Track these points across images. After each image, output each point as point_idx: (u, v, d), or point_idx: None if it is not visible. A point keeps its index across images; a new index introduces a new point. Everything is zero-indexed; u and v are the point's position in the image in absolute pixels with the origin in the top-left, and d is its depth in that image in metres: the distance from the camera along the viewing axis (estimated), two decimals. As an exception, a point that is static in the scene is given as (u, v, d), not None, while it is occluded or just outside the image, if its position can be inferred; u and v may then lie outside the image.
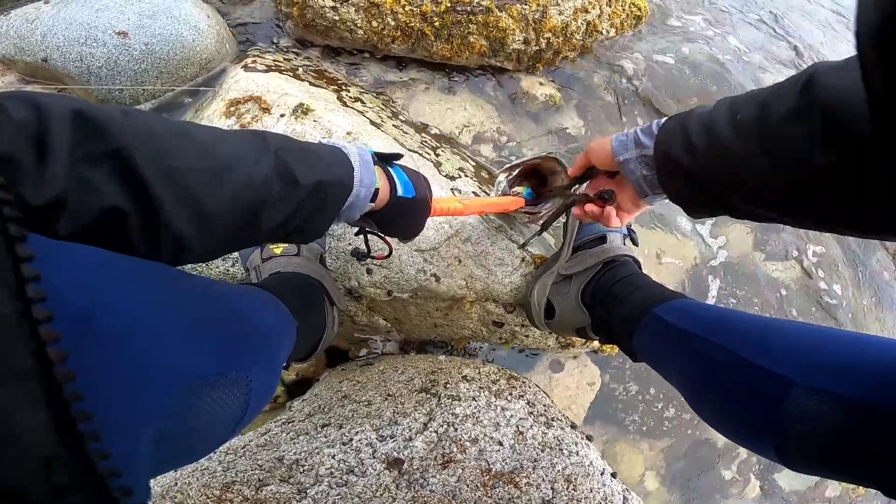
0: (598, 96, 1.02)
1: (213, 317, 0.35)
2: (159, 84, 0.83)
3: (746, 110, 0.41)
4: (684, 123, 0.46)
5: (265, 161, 0.35)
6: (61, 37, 0.79)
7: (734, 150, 0.41)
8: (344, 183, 0.41)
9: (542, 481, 0.62)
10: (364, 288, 0.71)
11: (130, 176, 0.29)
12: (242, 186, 0.33)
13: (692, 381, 0.51)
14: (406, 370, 0.72)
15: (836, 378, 0.37)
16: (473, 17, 0.95)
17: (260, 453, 0.56)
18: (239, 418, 0.36)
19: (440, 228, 0.71)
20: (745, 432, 0.45)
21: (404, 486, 0.55)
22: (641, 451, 0.91)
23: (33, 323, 0.18)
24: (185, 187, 0.31)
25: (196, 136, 0.33)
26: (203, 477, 0.52)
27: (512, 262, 0.74)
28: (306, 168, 0.38)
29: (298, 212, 0.38)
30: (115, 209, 0.28)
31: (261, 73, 0.83)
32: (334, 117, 0.76)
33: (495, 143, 0.94)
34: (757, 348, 0.44)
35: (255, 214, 0.35)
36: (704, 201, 0.48)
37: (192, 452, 0.34)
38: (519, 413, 0.68)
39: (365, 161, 0.43)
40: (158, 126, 0.31)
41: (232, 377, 0.34)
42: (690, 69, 1.10)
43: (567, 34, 1.00)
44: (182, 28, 0.83)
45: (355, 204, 0.43)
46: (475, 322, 0.79)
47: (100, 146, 0.28)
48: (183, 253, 0.33)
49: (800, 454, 0.39)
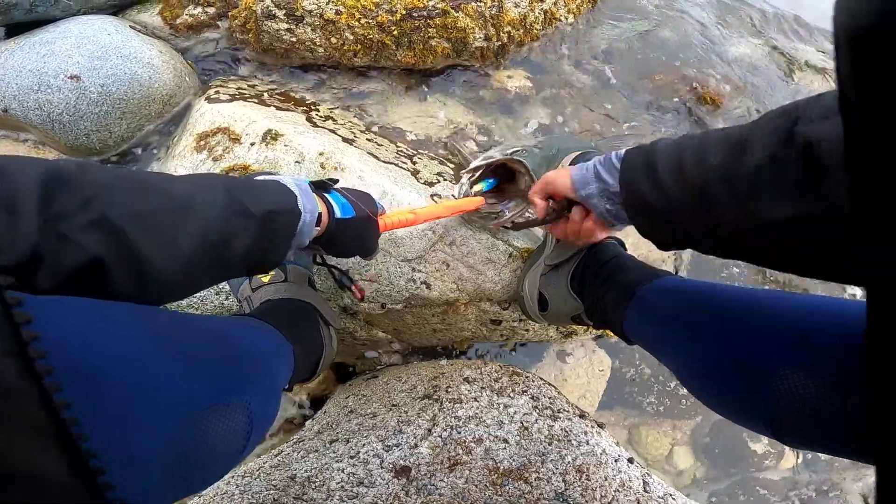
0: (568, 83, 1.03)
1: (205, 348, 0.36)
2: (124, 125, 0.82)
3: (718, 152, 0.39)
4: (650, 161, 0.45)
5: (218, 197, 0.37)
6: (14, 86, 0.79)
7: (703, 190, 0.40)
8: (292, 211, 0.44)
9: (553, 474, 0.63)
10: (357, 304, 0.72)
11: (105, 224, 0.30)
12: (205, 223, 0.35)
13: (682, 363, 0.51)
14: (409, 379, 0.72)
15: (821, 354, 0.37)
16: (431, 21, 0.96)
17: (273, 473, 0.57)
18: (244, 443, 0.37)
19: (424, 236, 0.72)
20: (738, 412, 0.45)
21: (413, 493, 0.56)
22: (665, 432, 0.91)
23: (38, 377, 0.21)
24: (155, 228, 0.32)
25: (149, 181, 0.35)
26: (223, 501, 0.53)
27: (499, 258, 0.75)
28: (255, 200, 0.40)
29: (257, 242, 0.40)
30: (96, 259, 0.30)
31: (225, 103, 0.83)
32: (305, 140, 0.76)
33: (473, 141, 0.94)
34: (742, 325, 0.44)
35: (222, 248, 0.37)
36: (672, 238, 0.47)
37: (203, 479, 0.35)
38: (522, 409, 0.69)
39: (304, 190, 0.47)
40: (111, 176, 0.33)
41: (231, 403, 0.35)
42: (654, 46, 1.11)
43: (526, 25, 1.01)
44: (135, 66, 0.82)
45: (303, 230, 0.45)
46: (473, 323, 0.80)
47: (70, 201, 0.29)
48: (166, 291, 0.34)
49: (792, 431, 0.39)
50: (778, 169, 0.35)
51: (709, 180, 0.39)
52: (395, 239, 0.71)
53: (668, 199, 0.43)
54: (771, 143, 0.35)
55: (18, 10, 0.85)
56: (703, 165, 0.40)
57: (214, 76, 0.95)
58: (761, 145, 0.36)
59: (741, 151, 0.37)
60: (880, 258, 0.21)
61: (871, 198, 0.20)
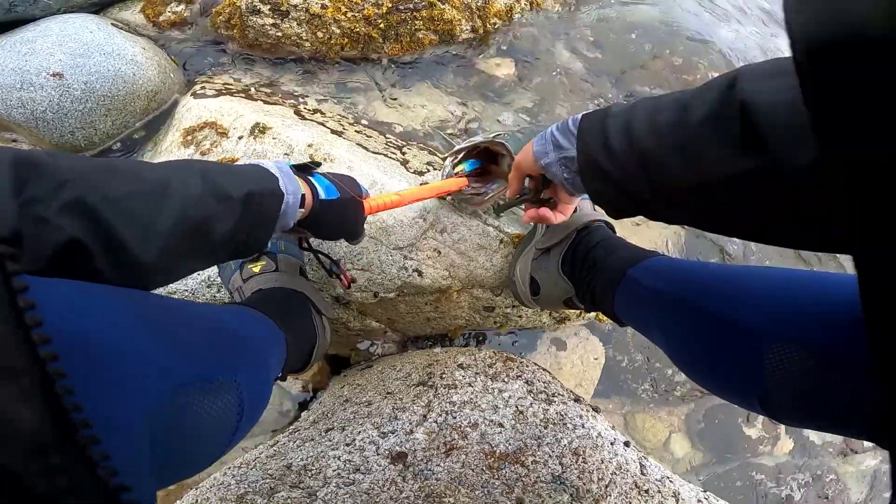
0: (556, 70, 1.03)
1: (194, 328, 0.36)
2: (109, 122, 0.82)
3: (665, 112, 0.39)
4: (603, 125, 0.44)
5: (194, 181, 0.37)
6: (-4, 84, 0.78)
7: (652, 152, 0.40)
8: (274, 192, 0.44)
9: (549, 457, 0.63)
10: (350, 294, 0.72)
11: (80, 207, 0.30)
12: (183, 206, 0.35)
13: (672, 342, 0.51)
14: (403, 367, 0.72)
15: (808, 325, 0.37)
16: (417, 14, 0.96)
17: (269, 463, 0.57)
18: (234, 424, 0.37)
19: (415, 223, 0.72)
20: (728, 388, 0.45)
21: (410, 478, 0.55)
22: (661, 418, 0.91)
23: (32, 345, 0.20)
24: (130, 211, 0.32)
25: (120, 167, 0.35)
26: (219, 491, 0.53)
27: (490, 244, 0.75)
28: (234, 183, 0.40)
29: (240, 225, 0.40)
30: (74, 241, 0.30)
31: (211, 98, 0.82)
32: (293, 132, 0.76)
33: (463, 130, 0.94)
34: (729, 302, 0.44)
35: (202, 232, 0.37)
36: (625, 204, 0.46)
37: (192, 460, 0.35)
38: (517, 393, 0.69)
39: (285, 171, 0.46)
40: (83, 162, 0.33)
41: (218, 381, 0.35)
42: (643, 34, 1.11)
43: (512, 16, 1.02)
44: (119, 63, 0.82)
45: (287, 212, 0.45)
46: (466, 310, 0.80)
47: (44, 186, 0.29)
48: (147, 275, 0.34)
49: (782, 406, 0.39)
50: (719, 126, 0.35)
51: (657, 141, 0.39)
52: (386, 227, 0.71)
53: (621, 166, 0.43)
54: (712, 101, 0.35)
55: (-2, 9, 0.85)
56: (652, 126, 0.40)
57: (199, 72, 0.94)
58: (702, 102, 0.36)
59: (684, 109, 0.37)
60: (882, 259, 0.21)
61: (869, 198, 0.20)
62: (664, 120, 0.39)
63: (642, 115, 0.41)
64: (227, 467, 0.59)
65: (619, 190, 0.45)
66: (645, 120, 0.41)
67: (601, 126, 0.45)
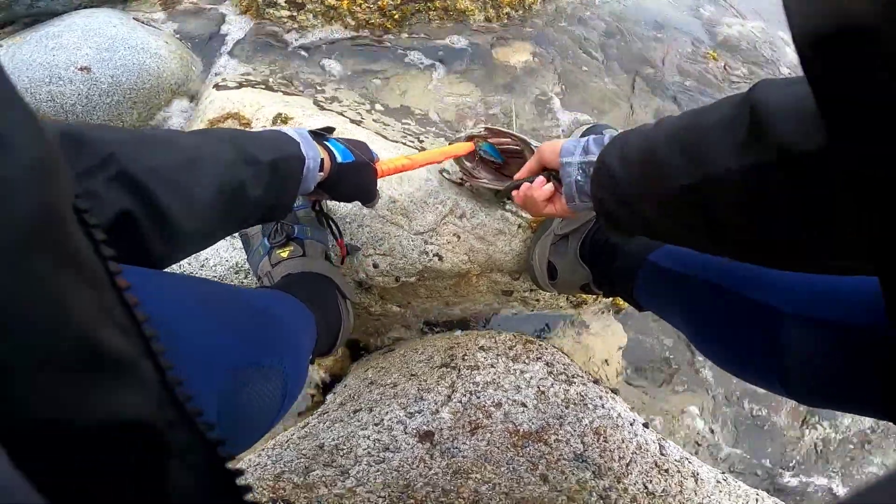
0: (574, 56, 1.03)
1: (245, 314, 0.38)
2: (136, 114, 0.84)
3: (681, 119, 0.39)
4: (626, 136, 0.45)
5: (225, 148, 0.39)
6: (26, 79, 0.80)
7: (659, 150, 0.39)
8: (297, 156, 0.46)
9: (571, 436, 0.64)
10: (373, 279, 0.73)
11: (126, 179, 0.31)
12: (217, 172, 0.37)
13: (693, 324, 0.52)
14: (425, 350, 0.74)
15: (827, 305, 0.37)
16: (431, 4, 0.97)
17: (302, 444, 0.59)
18: (279, 404, 0.38)
19: (435, 209, 0.73)
20: (748, 369, 0.45)
21: (438, 456, 0.57)
22: (685, 403, 0.91)
23: (137, 325, 0.21)
24: (170, 180, 0.34)
25: (156, 136, 0.36)
26: (256, 471, 0.55)
27: (509, 229, 0.76)
28: (261, 149, 0.42)
29: (269, 188, 0.42)
30: (125, 212, 0.31)
31: (233, 90, 0.84)
32: (314, 122, 0.78)
33: (480, 117, 0.95)
34: (750, 282, 0.44)
35: (237, 195, 0.39)
36: (620, 212, 0.45)
37: (245, 436, 0.37)
38: (538, 374, 0.71)
39: (304, 137, 0.49)
40: (122, 134, 0.34)
41: (268, 366, 0.36)
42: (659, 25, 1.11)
43: (526, 5, 1.02)
44: (143, 56, 0.84)
45: (308, 175, 0.47)
46: (485, 294, 0.81)
47: (90, 159, 0.30)
48: (188, 240, 0.36)
49: (802, 386, 0.39)
50: (729, 127, 0.34)
51: (667, 143, 0.39)
52: (407, 212, 0.72)
53: (627, 163, 0.43)
54: (726, 106, 0.35)
55: (20, 4, 0.86)
56: (667, 132, 0.39)
57: (219, 63, 0.95)
58: (716, 108, 0.36)
59: (698, 115, 0.37)
60: None
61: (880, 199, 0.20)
62: (678, 124, 0.39)
63: (663, 124, 0.41)
64: (260, 448, 0.61)
65: (619, 196, 0.44)
66: (663, 128, 0.40)
67: (625, 137, 0.45)
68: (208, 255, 0.72)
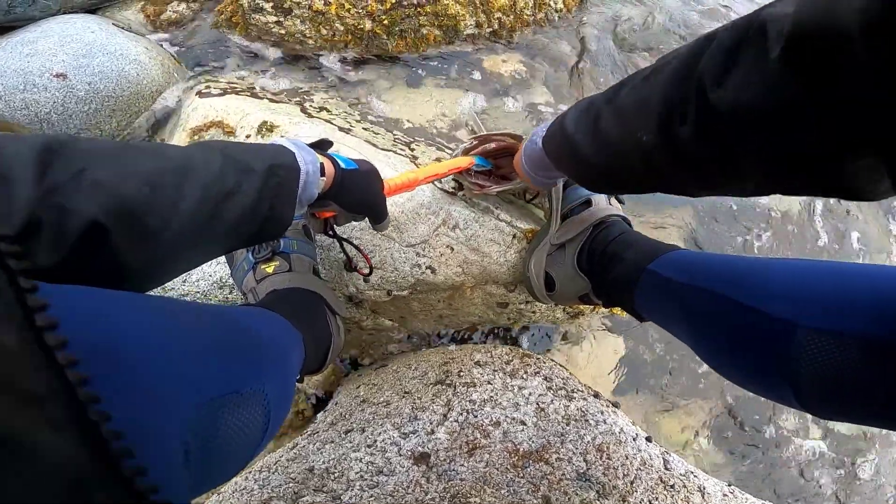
0: (564, 65, 1.02)
1: (221, 337, 0.35)
2: (114, 122, 0.80)
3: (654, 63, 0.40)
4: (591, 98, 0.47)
5: (215, 158, 0.37)
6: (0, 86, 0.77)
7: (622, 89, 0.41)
8: (292, 165, 0.44)
9: (574, 454, 0.62)
10: (363, 293, 0.71)
11: (99, 187, 0.29)
12: (205, 180, 0.35)
13: (700, 336, 0.50)
14: (419, 365, 0.71)
15: (845, 317, 0.36)
16: (421, 9, 0.95)
17: (291, 466, 0.56)
18: (262, 432, 0.36)
19: (427, 220, 0.71)
20: (760, 382, 0.43)
21: (434, 479, 0.54)
22: (683, 413, 0.89)
23: (48, 350, 0.18)
24: (154, 186, 0.32)
25: (143, 146, 0.35)
26: (243, 497, 0.52)
27: (504, 240, 0.74)
28: (253, 157, 0.40)
29: (262, 198, 0.40)
30: (94, 223, 0.29)
31: (216, 97, 0.81)
32: (301, 130, 0.75)
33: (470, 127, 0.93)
34: (758, 293, 0.43)
35: (223, 204, 0.37)
36: (569, 161, 0.49)
37: (222, 470, 0.34)
38: (537, 390, 0.68)
39: (300, 145, 0.47)
40: (104, 144, 0.32)
41: (249, 393, 0.34)
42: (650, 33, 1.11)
43: (517, 11, 1.01)
44: (122, 63, 0.81)
45: (308, 181, 0.45)
46: (480, 307, 0.79)
47: (65, 170, 0.29)
48: (168, 254, 0.34)
49: (817, 399, 0.38)
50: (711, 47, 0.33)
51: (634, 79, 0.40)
52: (399, 224, 0.70)
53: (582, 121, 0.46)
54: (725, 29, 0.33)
55: (-5, 11, 0.83)
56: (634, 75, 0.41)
57: (204, 71, 0.93)
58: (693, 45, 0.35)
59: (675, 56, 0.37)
60: None
61: None
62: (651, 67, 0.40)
63: None
64: (247, 472, 0.57)
65: (577, 149, 0.46)
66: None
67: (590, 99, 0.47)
68: (190, 270, 0.68)
